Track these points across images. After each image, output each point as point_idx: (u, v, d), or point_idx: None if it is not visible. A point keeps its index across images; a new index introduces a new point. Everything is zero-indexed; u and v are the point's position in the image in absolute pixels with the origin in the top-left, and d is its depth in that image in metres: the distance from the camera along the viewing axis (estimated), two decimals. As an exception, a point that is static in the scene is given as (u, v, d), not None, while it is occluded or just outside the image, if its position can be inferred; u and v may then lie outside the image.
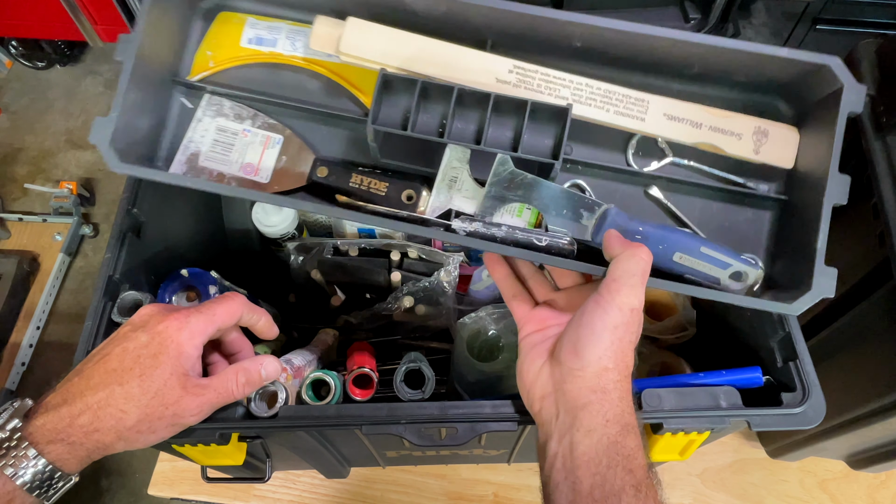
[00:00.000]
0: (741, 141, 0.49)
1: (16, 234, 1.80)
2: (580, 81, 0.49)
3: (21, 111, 2.10)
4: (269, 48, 0.54)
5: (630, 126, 0.50)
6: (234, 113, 0.54)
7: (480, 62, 0.49)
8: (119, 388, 0.41)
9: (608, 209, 0.47)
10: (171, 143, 0.54)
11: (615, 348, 0.41)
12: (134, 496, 1.48)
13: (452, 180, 0.50)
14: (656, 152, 0.53)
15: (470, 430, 0.49)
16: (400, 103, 0.49)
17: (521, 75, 0.49)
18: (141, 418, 0.42)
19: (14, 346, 1.61)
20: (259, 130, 0.54)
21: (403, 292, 0.71)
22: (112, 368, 0.42)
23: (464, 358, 0.64)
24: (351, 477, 0.80)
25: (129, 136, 0.49)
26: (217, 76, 0.54)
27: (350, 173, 0.53)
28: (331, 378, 0.55)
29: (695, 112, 0.49)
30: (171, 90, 0.54)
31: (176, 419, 0.43)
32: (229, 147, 0.53)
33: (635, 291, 0.41)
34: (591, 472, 0.38)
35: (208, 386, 0.45)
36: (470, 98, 0.48)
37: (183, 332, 0.44)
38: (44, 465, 0.39)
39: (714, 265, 0.46)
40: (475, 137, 0.49)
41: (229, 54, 0.54)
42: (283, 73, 0.55)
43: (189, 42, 0.55)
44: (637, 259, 0.42)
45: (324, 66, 0.54)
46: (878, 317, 0.59)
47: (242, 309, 0.49)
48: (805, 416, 0.48)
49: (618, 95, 0.49)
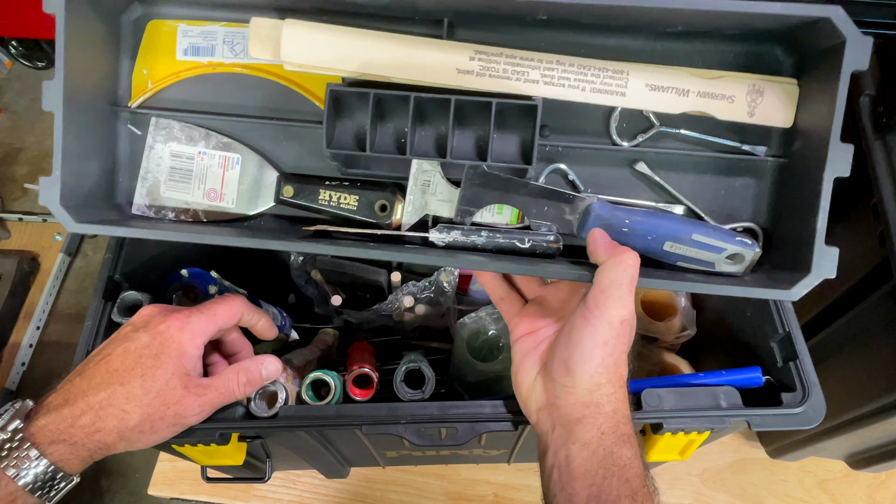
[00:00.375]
0: (734, 104, 0.45)
1: (16, 234, 1.80)
2: (550, 59, 0.45)
3: (21, 111, 2.10)
4: (208, 57, 0.49)
5: (610, 102, 0.46)
6: (186, 135, 0.49)
7: (438, 53, 0.44)
8: (121, 388, 0.41)
9: (591, 204, 0.45)
10: (129, 177, 0.50)
11: (607, 363, 0.40)
12: (134, 496, 1.48)
13: (425, 184, 0.47)
14: (642, 122, 0.49)
15: (470, 430, 0.49)
16: (355, 118, 0.47)
17: (483, 62, 0.45)
18: (143, 418, 0.42)
19: (14, 346, 1.61)
20: (215, 151, 0.49)
21: (403, 292, 0.70)
22: (114, 368, 0.42)
23: (464, 358, 0.64)
24: (351, 477, 0.80)
25: (82, 187, 0.46)
26: (159, 96, 0.50)
27: (318, 189, 0.50)
28: (331, 378, 0.55)
29: (680, 78, 0.45)
30: (114, 121, 0.50)
31: (178, 419, 0.43)
32: (188, 174, 0.50)
33: (623, 302, 0.40)
34: (587, 483, 0.38)
35: (210, 385, 0.44)
36: (429, 104, 0.45)
37: (184, 332, 0.44)
38: (46, 465, 0.39)
39: (707, 250, 0.44)
40: (440, 147, 0.46)
41: (167, 70, 0.49)
42: (228, 84, 0.50)
43: (122, 64, 0.50)
44: (624, 267, 0.40)
45: (270, 72, 0.49)
46: (878, 317, 0.59)
47: (243, 309, 0.48)
48: (805, 416, 0.48)
49: (593, 70, 0.45)
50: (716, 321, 0.68)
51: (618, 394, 0.41)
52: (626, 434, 0.40)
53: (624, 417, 0.41)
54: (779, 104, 0.45)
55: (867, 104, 0.60)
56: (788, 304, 0.53)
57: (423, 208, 0.48)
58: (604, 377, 0.40)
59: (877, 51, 0.61)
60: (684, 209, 0.49)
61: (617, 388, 0.41)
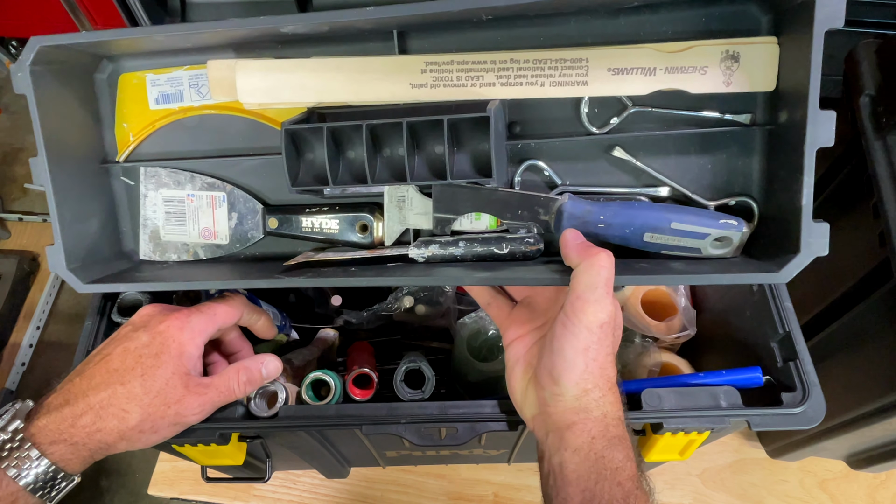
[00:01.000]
0: (706, 76, 0.42)
1: (16, 234, 1.80)
2: (503, 59, 0.43)
3: (21, 111, 2.10)
4: (177, 103, 0.51)
5: (572, 94, 0.44)
6: (173, 180, 0.52)
7: (389, 72, 0.44)
8: (121, 387, 0.41)
9: (562, 204, 0.44)
10: (131, 225, 0.53)
11: (591, 369, 0.40)
12: (134, 496, 1.48)
13: (400, 200, 0.48)
14: (614, 106, 0.46)
15: (470, 430, 0.49)
16: (316, 152, 0.47)
17: (436, 73, 0.44)
18: (143, 418, 0.42)
19: (14, 346, 1.61)
20: (202, 192, 0.52)
21: (403, 292, 0.70)
22: (114, 368, 0.42)
23: (464, 358, 0.64)
24: (351, 477, 0.80)
25: (86, 246, 0.48)
26: (142, 147, 0.52)
27: (300, 218, 0.52)
28: (331, 378, 0.55)
29: (644, 57, 0.42)
30: (107, 177, 0.52)
31: (178, 418, 0.43)
32: (182, 216, 0.52)
33: (601, 305, 0.39)
34: (580, 488, 0.39)
35: (210, 385, 0.45)
36: (383, 130, 0.45)
37: (184, 332, 0.44)
38: (46, 465, 0.39)
39: (690, 237, 0.42)
40: (399, 172, 0.46)
41: (144, 121, 0.52)
42: (202, 125, 0.52)
43: (104, 120, 0.52)
44: (597, 269, 0.39)
45: (236, 109, 0.51)
46: (878, 317, 0.59)
47: (243, 309, 0.48)
48: (805, 416, 0.48)
49: (550, 63, 0.43)
50: (716, 321, 0.68)
51: (606, 397, 0.41)
52: (617, 436, 0.40)
53: (614, 420, 0.41)
54: (758, 67, 0.42)
55: (867, 104, 0.60)
56: (788, 304, 0.53)
57: (402, 223, 0.49)
58: (590, 382, 0.40)
59: (877, 51, 0.61)
60: (669, 190, 0.47)
61: (605, 392, 0.41)
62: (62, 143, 0.46)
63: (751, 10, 0.43)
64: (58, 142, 0.46)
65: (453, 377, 0.69)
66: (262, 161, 0.52)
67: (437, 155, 0.46)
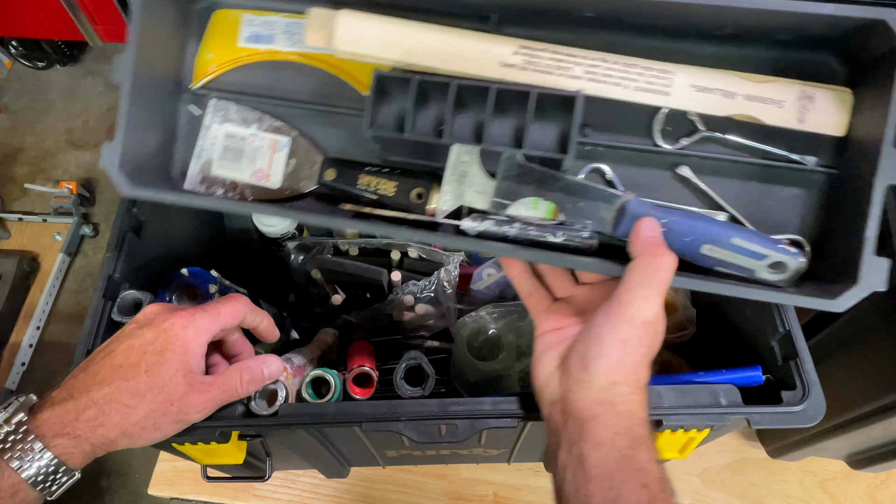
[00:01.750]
0: (783, 109, 0.43)
1: (16, 234, 1.80)
2: (595, 57, 0.45)
3: (21, 111, 2.10)
4: (267, 45, 0.53)
5: (653, 102, 0.45)
6: (241, 117, 0.53)
7: (483, 46, 0.46)
8: (125, 383, 0.41)
9: (627, 201, 0.43)
10: (184, 154, 0.53)
11: (625, 363, 0.39)
12: (134, 496, 1.48)
13: (462, 175, 0.48)
14: (686, 126, 0.47)
15: (470, 427, 0.49)
16: (398, 102, 0.48)
17: (527, 57, 0.45)
18: (146, 414, 0.42)
19: (14, 346, 1.61)
20: (266, 134, 0.53)
21: (403, 292, 0.71)
22: (118, 364, 0.42)
23: (464, 357, 0.64)
24: (351, 477, 0.80)
25: (140, 156, 0.48)
26: (220, 79, 0.53)
27: (357, 175, 0.52)
28: (331, 376, 0.55)
29: (727, 80, 0.44)
30: (176, 100, 0.53)
31: (181, 416, 0.43)
32: (239, 153, 0.53)
33: (650, 303, 0.38)
34: (603, 486, 0.37)
35: (213, 383, 0.45)
36: (469, 92, 0.46)
37: (189, 330, 0.44)
38: (49, 458, 0.39)
39: (748, 256, 0.42)
40: (477, 133, 0.48)
41: (229, 56, 0.53)
42: (283, 71, 0.53)
43: (188, 47, 0.53)
44: (655, 267, 0.38)
45: (323, 61, 0.53)
46: (878, 317, 0.59)
47: (246, 310, 0.49)
48: (805, 414, 0.48)
49: (638, 69, 0.44)
50: (716, 320, 0.68)
51: (634, 395, 0.39)
52: (642, 436, 0.39)
53: (640, 420, 0.39)
54: (831, 111, 0.43)
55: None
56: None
57: (458, 198, 0.48)
58: (620, 375, 0.39)
59: None
60: (727, 217, 0.47)
61: (633, 390, 0.39)
62: (148, 56, 0.47)
63: (829, 61, 0.45)
64: (145, 53, 0.47)
65: (453, 377, 0.69)
66: (333, 115, 0.53)
67: (517, 125, 0.47)
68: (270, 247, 0.78)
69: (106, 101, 2.09)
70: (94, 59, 2.18)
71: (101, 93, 2.12)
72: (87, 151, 2.00)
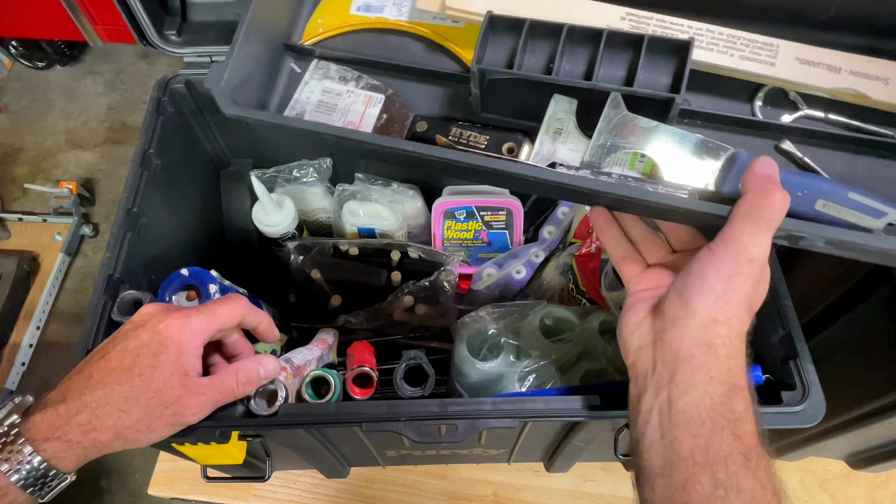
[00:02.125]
0: (889, 86, 0.42)
1: (16, 234, 1.80)
2: (700, 27, 0.45)
3: (21, 111, 2.10)
4: (377, 14, 0.57)
5: (758, 71, 0.44)
6: (340, 75, 0.55)
7: (591, 10, 0.46)
8: (118, 386, 0.41)
9: (737, 153, 0.41)
10: (278, 105, 0.55)
11: (727, 299, 0.36)
12: (134, 496, 1.48)
13: (557, 132, 0.46)
14: (787, 105, 0.46)
15: (470, 428, 0.49)
16: (505, 47, 0.47)
17: (634, 22, 0.46)
18: (140, 417, 0.42)
19: (14, 346, 1.61)
20: (362, 91, 0.55)
21: (403, 292, 0.71)
22: (112, 367, 0.42)
23: (464, 357, 0.64)
24: (351, 477, 0.80)
25: (241, 87, 0.49)
26: (326, 42, 0.57)
27: (450, 127, 0.52)
28: (331, 376, 0.55)
29: (831, 56, 0.43)
30: (282, 54, 0.56)
31: (176, 418, 0.43)
32: (332, 107, 0.55)
33: (756, 240, 0.35)
34: (692, 432, 0.35)
35: (209, 385, 0.44)
36: (579, 36, 0.45)
37: (184, 332, 0.44)
38: (38, 462, 0.39)
39: (865, 213, 0.39)
40: (586, 74, 0.46)
41: (339, 21, 0.57)
42: (387, 38, 0.56)
43: (303, 10, 0.58)
44: (764, 202, 0.35)
45: (427, 28, 0.56)
46: (878, 317, 0.59)
47: (244, 310, 0.48)
48: (805, 415, 0.48)
49: (743, 40, 0.44)
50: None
51: (734, 339, 0.36)
52: (739, 385, 0.36)
53: (738, 367, 0.36)
54: None
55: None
56: (788, 303, 0.53)
57: (550, 155, 0.46)
58: (722, 314, 0.36)
59: None
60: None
61: (734, 333, 0.36)
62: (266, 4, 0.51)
63: None
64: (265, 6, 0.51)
65: (453, 377, 0.69)
66: (429, 77, 0.55)
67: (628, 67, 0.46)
68: (270, 247, 0.78)
69: (106, 101, 2.09)
70: (94, 59, 2.18)
71: (101, 93, 2.12)
72: (87, 151, 2.00)
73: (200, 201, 0.74)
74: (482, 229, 0.73)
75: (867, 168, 0.45)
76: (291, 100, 0.55)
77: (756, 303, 0.37)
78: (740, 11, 0.46)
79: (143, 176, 0.61)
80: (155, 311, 0.45)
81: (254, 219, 0.73)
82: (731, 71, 0.45)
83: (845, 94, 0.44)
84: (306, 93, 0.55)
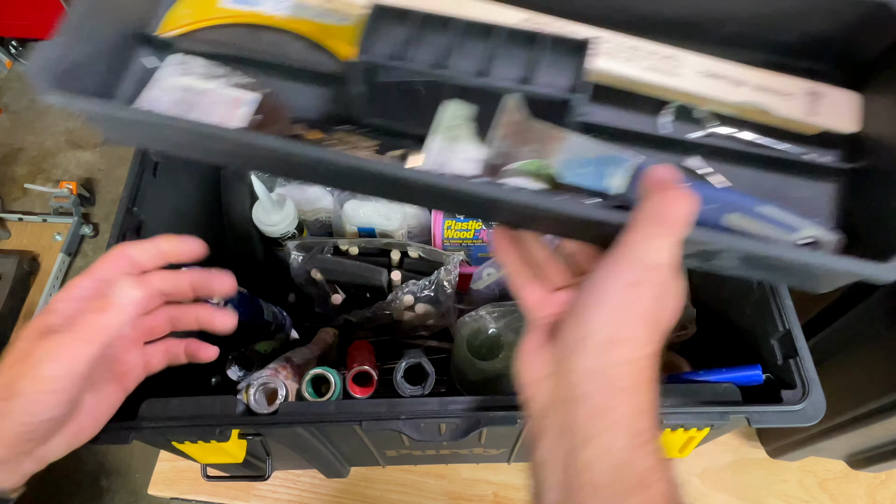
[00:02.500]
0: (792, 102, 0.41)
1: (16, 234, 1.80)
2: (601, 35, 0.43)
3: (21, 111, 2.10)
4: (251, 8, 0.51)
5: (660, 82, 0.42)
6: (204, 72, 0.48)
7: (491, 12, 0.45)
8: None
9: (641, 163, 0.38)
10: (125, 101, 0.47)
11: (625, 312, 0.30)
12: (134, 496, 1.48)
13: (452, 139, 0.43)
14: (694, 123, 0.45)
15: (470, 426, 0.49)
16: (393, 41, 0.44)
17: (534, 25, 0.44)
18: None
19: (14, 346, 1.61)
20: (229, 90, 0.48)
21: (403, 292, 0.71)
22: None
23: (464, 357, 0.64)
24: (351, 476, 0.80)
25: (72, 73, 0.40)
26: (190, 35, 0.50)
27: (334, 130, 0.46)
28: (331, 375, 0.55)
29: (736, 70, 0.42)
30: (134, 45, 0.48)
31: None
32: (189, 107, 0.48)
33: (657, 243, 0.30)
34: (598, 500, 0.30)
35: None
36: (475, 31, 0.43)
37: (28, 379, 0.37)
38: None
39: (777, 227, 0.36)
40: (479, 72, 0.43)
41: (206, 14, 0.50)
42: (262, 34, 0.50)
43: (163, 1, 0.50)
44: (666, 202, 0.30)
45: (306, 25, 0.50)
46: (878, 317, 0.59)
47: (119, 311, 0.40)
48: (805, 413, 0.48)
49: (644, 52, 0.43)
50: (716, 319, 0.68)
51: (638, 366, 0.30)
52: (644, 431, 0.31)
53: (644, 404, 0.31)
54: (840, 107, 0.42)
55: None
56: (788, 302, 0.53)
57: (444, 164, 0.42)
58: (618, 331, 0.30)
59: None
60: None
61: (636, 357, 0.31)
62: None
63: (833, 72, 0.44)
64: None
65: (453, 376, 0.69)
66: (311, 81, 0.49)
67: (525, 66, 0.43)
68: (270, 247, 0.78)
69: (106, 101, 2.09)
70: (95, 60, 2.18)
71: (102, 93, 2.12)
72: (87, 151, 2.00)
73: (200, 201, 0.74)
74: (482, 229, 0.73)
75: (775, 186, 0.43)
76: (139, 98, 0.47)
77: (662, 320, 0.32)
78: (643, 24, 0.44)
79: (143, 176, 0.61)
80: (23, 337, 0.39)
81: (254, 218, 0.73)
82: (634, 83, 0.44)
83: (751, 111, 0.43)
84: (158, 90, 0.48)
